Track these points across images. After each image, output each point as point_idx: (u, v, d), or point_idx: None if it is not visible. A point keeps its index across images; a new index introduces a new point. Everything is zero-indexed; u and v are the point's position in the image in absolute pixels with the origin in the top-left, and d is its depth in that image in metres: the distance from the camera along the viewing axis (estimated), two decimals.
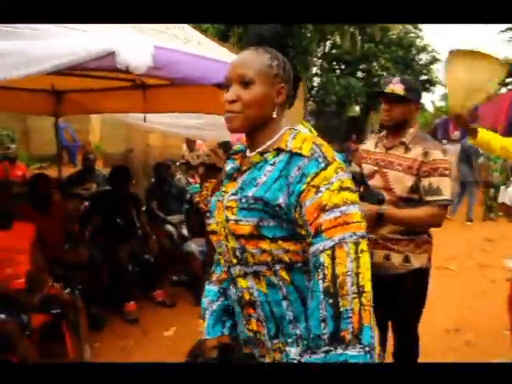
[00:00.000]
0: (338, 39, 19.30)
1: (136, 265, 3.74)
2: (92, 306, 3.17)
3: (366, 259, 1.03)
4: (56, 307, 2.70)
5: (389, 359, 2.30)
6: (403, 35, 22.65)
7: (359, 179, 2.05)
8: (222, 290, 1.30)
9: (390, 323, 2.27)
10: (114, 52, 2.00)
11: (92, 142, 9.21)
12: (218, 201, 1.19)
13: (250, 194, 1.09)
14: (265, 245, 1.07)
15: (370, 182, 2.10)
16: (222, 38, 12.53)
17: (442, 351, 3.09)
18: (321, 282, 1.00)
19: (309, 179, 1.04)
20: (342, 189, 1.04)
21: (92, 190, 5.34)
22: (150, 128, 5.59)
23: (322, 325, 0.99)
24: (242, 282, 1.14)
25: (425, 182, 1.97)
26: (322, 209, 1.02)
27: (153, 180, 4.97)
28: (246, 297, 1.15)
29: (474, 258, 5.53)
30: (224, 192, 1.18)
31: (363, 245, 1.03)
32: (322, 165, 1.05)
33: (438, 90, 25.39)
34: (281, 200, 1.06)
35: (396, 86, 2.05)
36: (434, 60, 24.44)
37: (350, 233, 1.01)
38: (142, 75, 2.59)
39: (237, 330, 1.25)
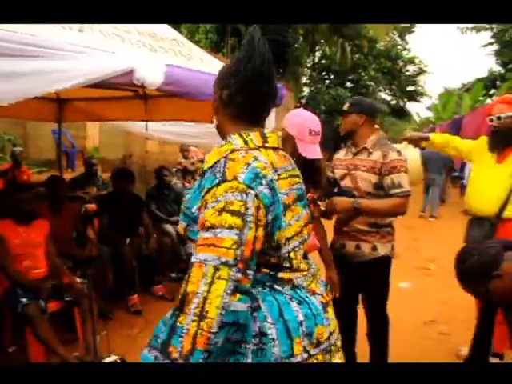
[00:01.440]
0: (327, 50, 19.83)
1: (138, 261, 4.03)
2: (100, 297, 3.46)
3: (220, 286, 0.98)
4: (70, 295, 3.00)
5: (363, 340, 2.65)
6: (391, 47, 23.26)
7: (333, 183, 2.58)
8: None
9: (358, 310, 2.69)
10: (132, 70, 2.33)
11: (88, 148, 9.46)
12: None
13: (185, 199, 1.19)
14: (194, 246, 1.09)
15: (342, 183, 2.55)
16: (215, 49, 12.90)
17: (419, 339, 3.46)
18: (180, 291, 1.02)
19: (203, 193, 1.07)
20: (224, 210, 1.00)
21: (92, 194, 5.62)
22: (149, 135, 5.91)
23: (163, 329, 1.02)
24: None
25: (387, 179, 2.39)
26: (202, 225, 1.03)
27: (154, 183, 5.24)
28: None
29: (451, 260, 5.89)
30: None
31: (223, 272, 0.98)
32: (216, 181, 1.04)
33: (424, 101, 26.07)
34: (195, 209, 1.13)
35: (345, 105, 2.63)
36: (420, 72, 25.12)
37: (214, 256, 0.99)
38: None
39: None
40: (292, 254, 1.19)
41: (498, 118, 2.78)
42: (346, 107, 2.60)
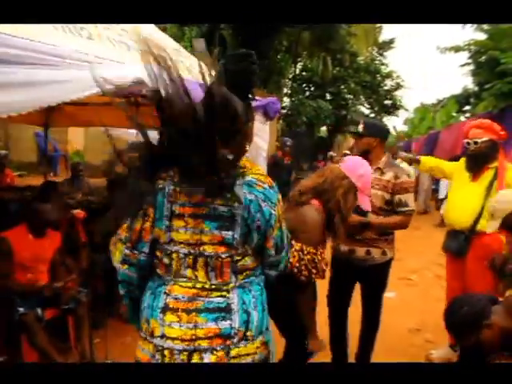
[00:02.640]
0: (308, 62, 20.17)
1: None
2: (93, 306, 3.43)
3: (117, 252, 1.46)
4: (67, 303, 2.98)
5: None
6: (370, 61, 23.79)
7: None
8: None
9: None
10: (143, 81, 2.36)
11: (70, 152, 9.34)
12: None
13: None
14: None
15: None
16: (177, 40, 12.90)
17: (405, 347, 3.56)
18: None
19: None
20: None
21: (78, 199, 5.55)
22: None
23: None
24: None
25: (396, 198, 2.72)
26: None
27: None
28: None
29: (432, 270, 6.08)
30: None
31: (119, 244, 1.45)
32: None
33: (401, 115, 26.79)
34: None
35: (359, 127, 2.85)
36: (398, 86, 25.76)
37: (118, 232, 1.47)
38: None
39: None
40: (174, 255, 1.37)
41: (475, 143, 3.09)
42: (360, 129, 2.81)
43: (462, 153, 8.29)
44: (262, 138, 3.62)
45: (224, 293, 1.35)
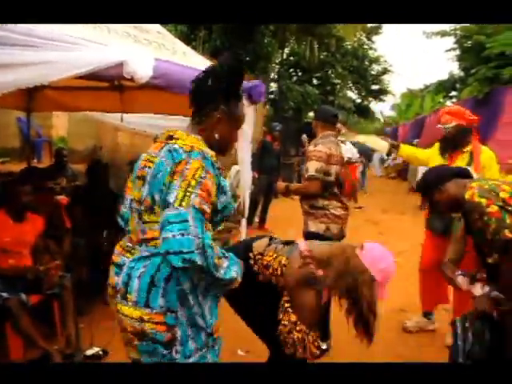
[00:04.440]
0: (296, 46, 20.02)
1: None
2: (78, 291, 3.42)
3: None
4: (52, 288, 2.96)
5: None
6: (357, 46, 23.72)
7: None
8: None
9: None
10: (122, 62, 2.33)
11: (54, 138, 9.20)
12: None
13: None
14: None
15: None
16: (186, 41, 12.76)
17: (391, 328, 3.67)
18: None
19: None
20: None
21: (62, 185, 5.49)
22: (122, 126, 5.82)
23: None
24: None
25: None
26: None
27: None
28: None
29: (417, 252, 6.16)
30: None
31: None
32: None
33: (389, 100, 26.81)
34: None
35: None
36: (385, 71, 25.78)
37: None
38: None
39: None
40: (130, 215, 1.57)
41: (445, 128, 3.33)
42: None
43: None
44: (246, 120, 3.58)
45: (129, 254, 1.51)
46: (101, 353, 2.92)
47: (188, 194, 1.33)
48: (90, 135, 7.16)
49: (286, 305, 1.92)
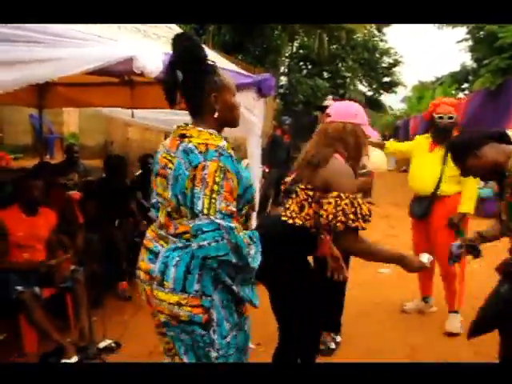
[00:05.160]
0: (305, 39, 19.91)
1: (128, 247, 4.05)
2: (91, 285, 3.46)
3: None
4: (64, 281, 3.01)
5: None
6: (368, 38, 23.49)
7: None
8: None
9: None
10: (132, 57, 2.34)
11: (66, 134, 9.29)
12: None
13: None
14: None
15: None
16: (195, 35, 12.72)
17: (402, 319, 3.66)
18: None
19: None
20: None
21: (74, 181, 5.55)
22: (133, 122, 5.85)
23: None
24: None
25: None
26: None
27: (139, 171, 5.22)
28: None
29: None
30: None
31: None
32: None
33: (400, 92, 26.54)
34: None
35: (331, 103, 2.93)
36: (396, 63, 25.51)
37: None
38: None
39: None
40: (160, 207, 1.66)
41: (450, 118, 3.39)
42: None
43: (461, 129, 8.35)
44: (255, 114, 3.59)
45: (162, 242, 1.60)
46: (113, 345, 2.96)
47: (213, 200, 1.42)
48: (101, 131, 7.22)
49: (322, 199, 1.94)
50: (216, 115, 1.59)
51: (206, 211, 1.41)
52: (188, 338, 1.54)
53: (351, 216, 1.83)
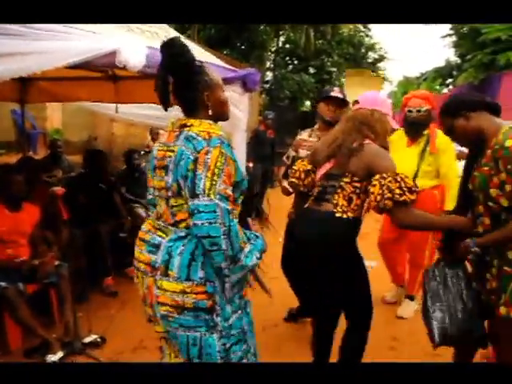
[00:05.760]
0: (291, 34, 19.90)
1: (111, 243, 4.03)
2: (75, 280, 3.44)
3: None
4: (48, 277, 2.99)
5: None
6: (354, 34, 23.57)
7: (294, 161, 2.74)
8: None
9: None
10: (115, 51, 2.33)
11: (49, 129, 9.15)
12: None
13: None
14: None
15: None
16: (181, 31, 12.67)
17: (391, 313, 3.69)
18: None
19: None
20: None
21: (58, 177, 5.49)
22: (117, 117, 5.80)
23: None
24: None
25: None
26: None
27: (124, 166, 5.18)
28: None
29: None
30: None
31: None
32: None
33: (386, 87, 26.70)
34: None
35: (339, 94, 2.91)
36: (382, 58, 25.67)
37: None
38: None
39: None
40: (158, 201, 1.71)
41: (418, 111, 3.39)
42: (342, 95, 2.93)
43: None
44: (240, 109, 3.59)
45: (160, 232, 1.66)
46: (99, 340, 2.96)
47: (214, 182, 1.50)
48: (85, 126, 7.14)
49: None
50: (210, 112, 1.67)
51: (206, 191, 1.49)
52: (183, 335, 1.60)
53: (397, 191, 1.93)
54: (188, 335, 1.59)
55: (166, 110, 1.67)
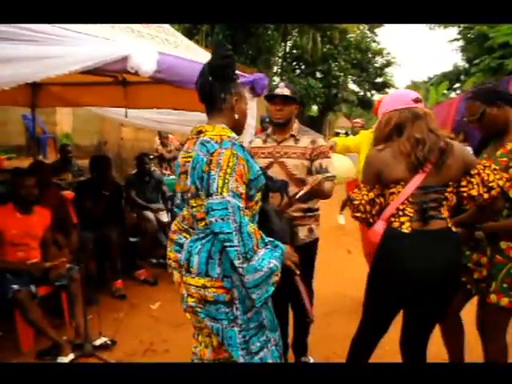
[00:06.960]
0: (298, 39, 19.94)
1: (122, 247, 4.06)
2: (86, 283, 3.48)
3: None
4: (60, 279, 3.02)
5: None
6: (360, 39, 23.59)
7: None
8: None
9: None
10: (127, 56, 2.37)
11: (59, 134, 9.26)
12: None
13: None
14: None
15: (270, 172, 2.32)
16: (188, 36, 12.77)
17: None
18: None
19: None
20: None
21: (68, 180, 5.55)
22: (126, 121, 5.85)
23: None
24: None
25: (316, 163, 2.45)
26: None
27: (134, 170, 5.21)
28: None
29: None
30: None
31: None
32: None
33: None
34: None
35: (285, 90, 2.47)
36: (388, 63, 25.65)
37: None
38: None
39: None
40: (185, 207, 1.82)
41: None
42: (289, 93, 2.47)
43: (453, 129, 8.37)
44: (249, 114, 3.61)
45: (185, 233, 1.81)
46: (109, 342, 2.98)
47: (226, 181, 1.59)
48: (95, 131, 7.21)
49: None
50: (236, 116, 1.78)
51: (219, 190, 1.58)
52: (209, 324, 1.70)
53: (498, 176, 1.86)
54: (212, 325, 1.69)
55: (208, 109, 1.79)
